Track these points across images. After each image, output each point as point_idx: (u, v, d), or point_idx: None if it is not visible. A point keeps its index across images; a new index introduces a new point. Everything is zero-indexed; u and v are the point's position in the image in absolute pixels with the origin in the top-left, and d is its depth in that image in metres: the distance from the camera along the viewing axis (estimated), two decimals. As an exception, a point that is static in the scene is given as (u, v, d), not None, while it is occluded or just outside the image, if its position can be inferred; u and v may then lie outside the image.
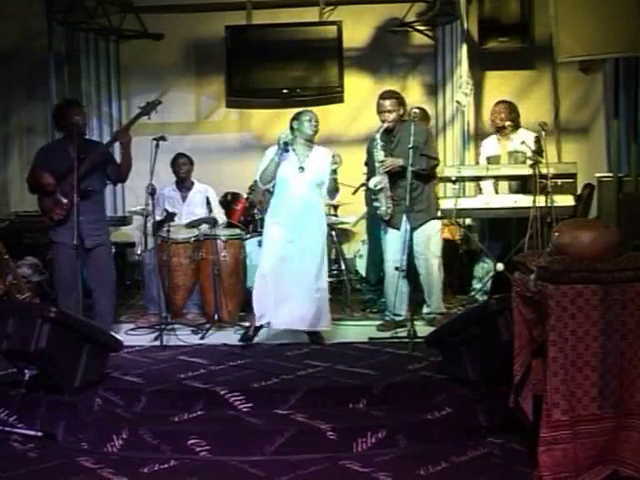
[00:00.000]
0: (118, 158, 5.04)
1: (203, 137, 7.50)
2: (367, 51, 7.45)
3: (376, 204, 5.04)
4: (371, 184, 4.98)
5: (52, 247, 4.97)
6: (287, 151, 4.69)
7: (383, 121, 5.01)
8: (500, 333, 3.52)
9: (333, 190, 4.80)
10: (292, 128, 4.77)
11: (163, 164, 5.42)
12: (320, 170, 4.71)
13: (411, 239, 4.96)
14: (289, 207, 4.71)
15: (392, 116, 4.99)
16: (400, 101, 5.08)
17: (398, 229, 5.02)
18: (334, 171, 4.68)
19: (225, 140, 7.55)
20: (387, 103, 5.01)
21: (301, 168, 4.68)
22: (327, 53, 7.25)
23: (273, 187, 4.78)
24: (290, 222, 4.69)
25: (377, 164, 4.96)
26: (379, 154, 4.97)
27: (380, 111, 5.03)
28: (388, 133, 5.03)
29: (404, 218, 4.90)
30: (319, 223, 4.80)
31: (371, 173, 5.15)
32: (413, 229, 4.96)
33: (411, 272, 4.91)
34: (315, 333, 4.79)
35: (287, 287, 4.65)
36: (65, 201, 4.74)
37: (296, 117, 4.79)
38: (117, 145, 5.06)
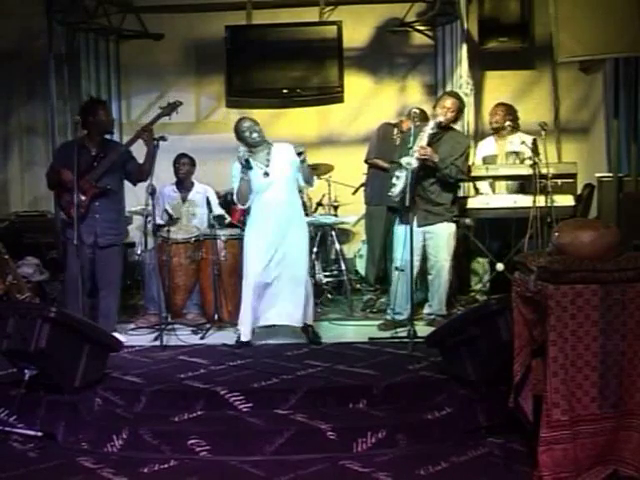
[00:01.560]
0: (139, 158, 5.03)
1: (203, 137, 7.49)
2: (367, 51, 7.45)
3: (394, 181, 4.95)
4: (404, 161, 4.87)
5: (67, 244, 4.91)
6: (250, 168, 4.66)
7: (434, 115, 5.00)
8: (500, 333, 3.52)
9: (309, 178, 4.80)
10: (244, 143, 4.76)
11: (163, 164, 5.41)
12: (287, 166, 4.68)
13: (423, 239, 4.97)
14: (266, 215, 4.70)
15: (449, 115, 4.98)
16: (461, 106, 5.10)
17: (409, 224, 5.00)
18: (302, 162, 4.64)
19: (225, 140, 7.49)
20: (449, 101, 5.01)
21: (266, 174, 4.67)
22: (327, 53, 7.25)
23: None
24: (269, 229, 4.68)
25: (416, 147, 4.83)
26: (424, 139, 4.87)
27: (440, 105, 5.02)
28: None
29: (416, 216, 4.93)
30: (299, 221, 4.80)
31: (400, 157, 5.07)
32: (420, 226, 4.95)
33: (417, 272, 4.90)
34: (309, 330, 4.80)
35: (273, 292, 4.69)
36: (83, 198, 4.73)
37: (236, 134, 4.78)
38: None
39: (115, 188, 4.93)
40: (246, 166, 4.63)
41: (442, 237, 5.05)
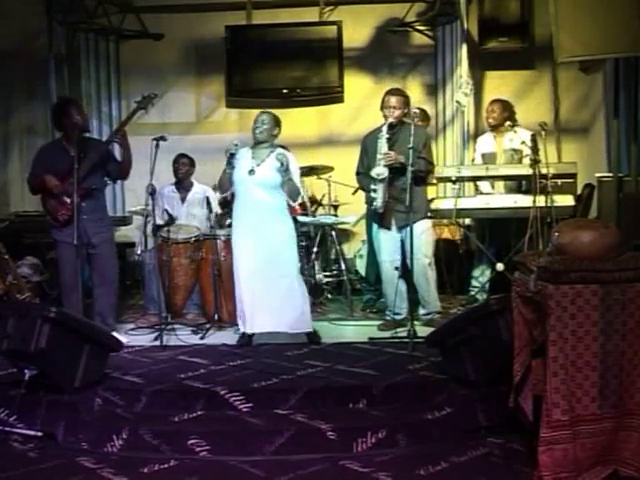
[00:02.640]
0: (118, 156, 5.03)
1: (203, 137, 7.50)
2: (367, 51, 7.45)
3: (373, 195, 4.97)
4: (373, 173, 4.91)
5: (56, 246, 4.93)
6: (232, 165, 4.68)
7: (385, 117, 5.00)
8: (500, 333, 3.52)
9: (291, 192, 4.69)
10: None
11: (163, 164, 5.41)
12: (274, 172, 4.63)
13: (403, 240, 4.98)
14: (246, 210, 4.72)
15: (396, 113, 4.98)
16: (406, 100, 5.09)
17: (389, 229, 5.05)
18: (285, 172, 4.59)
19: (225, 140, 7.45)
20: (393, 100, 5.01)
21: (251, 171, 4.66)
22: (327, 53, 7.26)
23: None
24: (249, 225, 4.70)
25: (379, 155, 4.91)
26: (384, 146, 4.92)
27: (385, 106, 5.02)
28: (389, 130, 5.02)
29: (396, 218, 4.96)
30: (281, 224, 4.74)
31: (366, 167, 5.10)
32: (401, 228, 4.97)
33: (407, 271, 4.92)
34: (309, 332, 4.79)
35: (259, 292, 4.65)
36: (69, 201, 4.72)
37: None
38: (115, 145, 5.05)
39: (99, 187, 4.94)
40: (230, 160, 4.66)
41: (419, 234, 4.99)
